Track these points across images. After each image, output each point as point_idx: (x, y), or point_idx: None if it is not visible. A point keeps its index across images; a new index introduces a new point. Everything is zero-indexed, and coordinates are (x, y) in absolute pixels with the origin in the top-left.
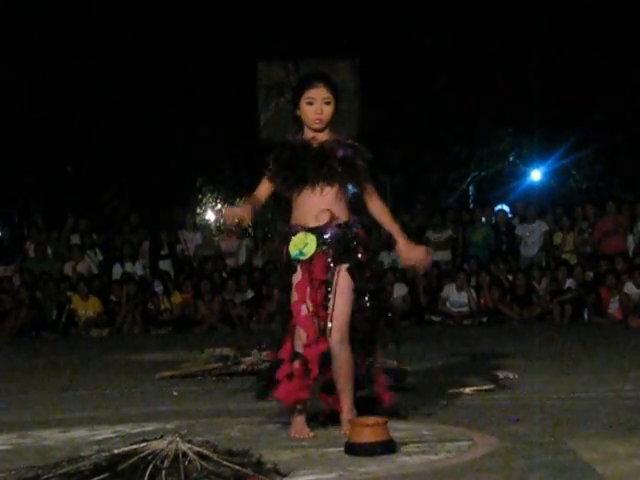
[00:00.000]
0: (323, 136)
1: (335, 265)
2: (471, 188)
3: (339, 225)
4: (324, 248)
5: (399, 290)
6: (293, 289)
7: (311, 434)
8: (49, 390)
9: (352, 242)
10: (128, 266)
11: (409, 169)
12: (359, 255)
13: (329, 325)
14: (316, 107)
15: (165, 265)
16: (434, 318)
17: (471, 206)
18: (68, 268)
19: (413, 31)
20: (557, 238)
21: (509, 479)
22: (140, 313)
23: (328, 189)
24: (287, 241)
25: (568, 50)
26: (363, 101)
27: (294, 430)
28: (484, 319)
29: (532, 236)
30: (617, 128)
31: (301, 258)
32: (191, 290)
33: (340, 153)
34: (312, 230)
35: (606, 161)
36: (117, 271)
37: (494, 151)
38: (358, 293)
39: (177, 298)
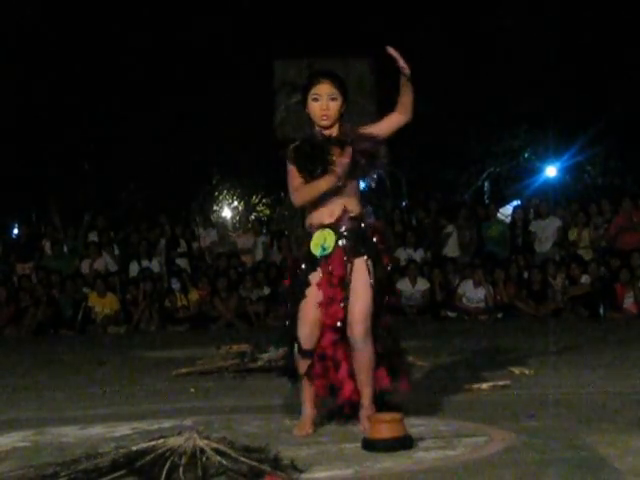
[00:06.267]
0: (333, 132)
1: (352, 257)
2: (486, 184)
3: (353, 217)
4: (342, 242)
5: (421, 284)
6: (312, 287)
7: (310, 431)
8: (67, 387)
9: (367, 232)
10: (145, 263)
11: (425, 165)
12: (375, 243)
13: (351, 319)
14: (322, 103)
15: (182, 262)
16: (450, 314)
17: (487, 202)
18: (85, 266)
19: (429, 29)
20: (572, 234)
21: (525, 474)
22: (157, 310)
23: (346, 182)
24: (306, 243)
25: (582, 47)
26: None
27: (296, 428)
28: (500, 315)
29: (545, 232)
30: (632, 124)
31: (325, 254)
32: (208, 287)
33: (361, 146)
34: (328, 226)
35: (621, 157)
36: (134, 268)
37: (509, 148)
38: (378, 282)
39: (194, 295)
